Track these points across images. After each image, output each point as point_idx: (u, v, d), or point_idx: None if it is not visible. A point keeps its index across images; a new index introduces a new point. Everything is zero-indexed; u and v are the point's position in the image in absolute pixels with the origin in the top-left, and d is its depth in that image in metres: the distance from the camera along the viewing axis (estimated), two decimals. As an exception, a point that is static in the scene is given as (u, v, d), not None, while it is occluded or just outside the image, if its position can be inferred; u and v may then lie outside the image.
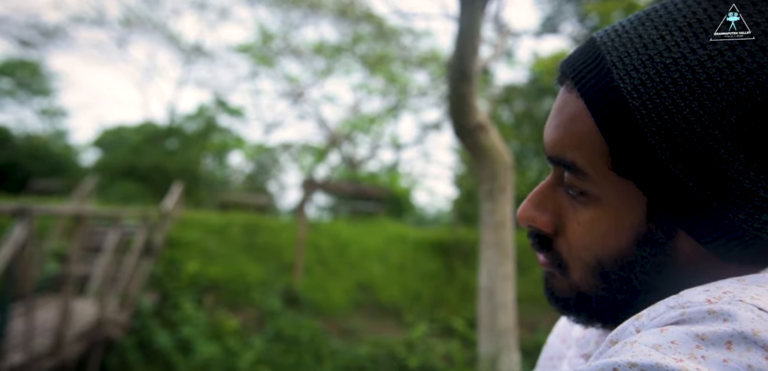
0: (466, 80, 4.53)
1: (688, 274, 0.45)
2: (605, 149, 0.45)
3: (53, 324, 5.24)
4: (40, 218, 7.52)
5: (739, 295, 0.37)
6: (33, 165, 16.19)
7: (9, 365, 4.26)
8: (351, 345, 8.63)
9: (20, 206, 4.21)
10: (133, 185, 15.41)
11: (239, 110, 21.71)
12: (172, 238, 9.63)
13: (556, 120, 0.49)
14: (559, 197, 0.51)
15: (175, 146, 18.21)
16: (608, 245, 0.47)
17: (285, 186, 23.33)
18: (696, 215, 0.43)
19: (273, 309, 8.81)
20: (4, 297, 4.13)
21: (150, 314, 7.69)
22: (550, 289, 0.54)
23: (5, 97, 21.98)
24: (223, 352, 7.77)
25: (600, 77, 0.45)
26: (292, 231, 10.72)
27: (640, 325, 0.39)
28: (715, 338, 0.34)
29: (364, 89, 19.87)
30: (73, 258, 5.38)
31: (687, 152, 0.41)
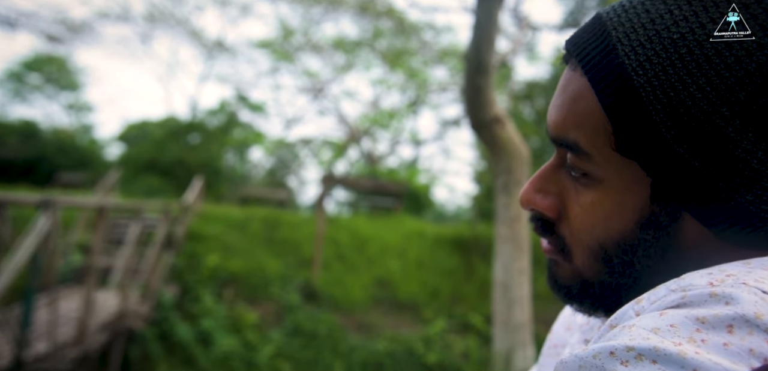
0: (482, 73, 4.48)
1: (693, 258, 0.43)
2: (609, 129, 0.43)
3: (77, 315, 5.34)
4: (65, 211, 7.67)
5: (743, 278, 0.36)
6: (60, 159, 16.55)
7: (34, 353, 4.36)
8: (369, 341, 8.65)
9: (44, 198, 4.29)
10: (155, 178, 15.65)
11: (260, 105, 21.90)
12: (193, 231, 9.75)
13: (559, 99, 0.48)
14: (561, 180, 0.50)
15: (197, 141, 18.44)
16: (611, 229, 0.46)
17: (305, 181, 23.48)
18: (701, 197, 0.41)
19: (291, 304, 8.87)
20: (29, 288, 4.22)
21: (171, 306, 7.80)
22: (553, 277, 0.53)
23: (34, 92, 22.50)
24: (242, 345, 7.85)
25: (604, 54, 0.44)
26: (312, 226, 10.77)
27: (640, 309, 0.38)
28: (716, 321, 0.33)
29: (383, 85, 19.87)
30: (95, 250, 5.47)
31: (693, 131, 0.40)
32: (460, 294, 10.44)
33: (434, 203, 19.13)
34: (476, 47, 4.48)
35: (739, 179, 0.39)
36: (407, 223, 12.94)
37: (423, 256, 11.22)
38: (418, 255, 11.18)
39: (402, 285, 10.26)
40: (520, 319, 4.90)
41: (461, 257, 11.33)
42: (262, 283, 9.18)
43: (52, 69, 22.49)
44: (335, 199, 18.08)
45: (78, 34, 18.65)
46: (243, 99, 21.51)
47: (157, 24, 19.81)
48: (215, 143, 18.51)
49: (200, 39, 20.36)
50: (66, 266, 7.37)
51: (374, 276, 10.33)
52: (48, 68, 22.39)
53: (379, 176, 17.13)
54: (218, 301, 8.47)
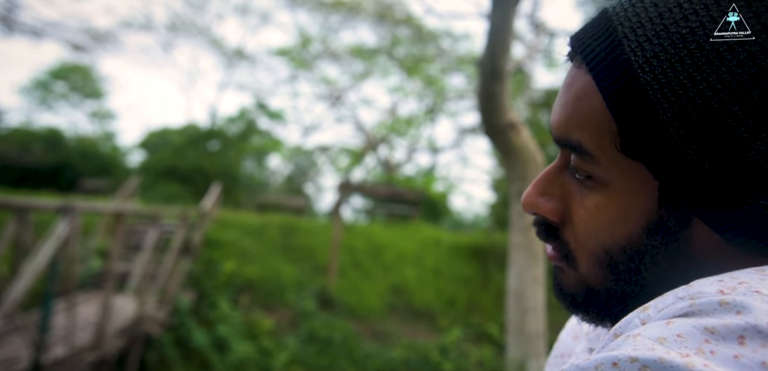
0: (497, 79, 4.45)
1: (704, 266, 0.41)
2: (614, 129, 0.41)
3: (95, 320, 5.42)
4: (86, 217, 7.80)
5: (756, 286, 0.34)
6: (83, 165, 16.85)
7: (52, 357, 4.43)
8: (384, 348, 8.62)
9: (63, 204, 4.37)
10: (175, 185, 15.84)
11: (279, 112, 22.07)
12: (210, 238, 9.84)
13: (563, 98, 0.46)
14: (566, 183, 0.48)
15: (216, 148, 18.64)
16: (617, 234, 0.43)
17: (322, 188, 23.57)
18: (712, 202, 0.39)
19: (307, 310, 8.89)
20: (48, 292, 4.29)
21: (188, 312, 7.87)
22: (558, 285, 0.50)
23: (59, 100, 22.98)
24: (257, 352, 7.88)
25: (609, 50, 0.42)
26: (328, 233, 10.80)
27: (646, 317, 0.36)
28: (726, 332, 0.31)
29: (400, 92, 19.89)
30: (113, 256, 5.55)
31: (703, 131, 0.38)
32: (477, 302, 10.36)
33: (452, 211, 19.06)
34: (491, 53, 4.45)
35: (752, 183, 0.37)
36: (424, 231, 12.90)
37: (439, 264, 11.17)
38: (435, 263, 11.14)
39: (418, 292, 10.23)
40: (533, 329, 4.84)
41: (478, 265, 11.25)
42: (278, 290, 9.22)
43: (76, 78, 22.94)
44: (352, 206, 18.12)
45: (102, 43, 19.03)
46: (262, 106, 21.71)
47: (178, 33, 20.13)
48: (234, 150, 18.69)
49: (220, 47, 20.63)
50: (86, 271, 7.48)
51: (390, 284, 10.30)
52: (73, 77, 22.85)
53: (395, 184, 17.12)
54: (234, 307, 8.52)
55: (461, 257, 11.45)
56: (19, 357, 4.21)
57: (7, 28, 14.51)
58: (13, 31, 14.81)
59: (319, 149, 21.71)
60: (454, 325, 9.51)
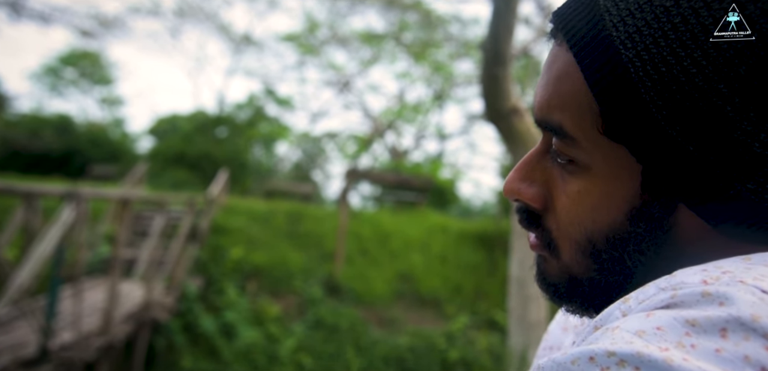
0: (500, 63, 4.38)
1: (690, 254, 0.39)
2: (595, 110, 0.39)
3: (102, 305, 5.46)
4: (95, 202, 7.85)
5: (741, 275, 0.32)
6: (92, 151, 16.95)
7: (60, 342, 4.47)
8: (390, 335, 8.64)
9: (69, 190, 4.38)
10: (183, 172, 15.91)
11: (287, 99, 22.06)
12: (218, 224, 9.88)
13: (544, 78, 0.44)
14: (548, 168, 0.46)
15: (224, 135, 18.68)
16: (599, 221, 0.41)
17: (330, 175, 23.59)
18: (697, 186, 0.37)
19: (314, 297, 8.92)
20: (54, 278, 4.32)
21: (195, 298, 7.92)
22: (541, 273, 0.48)
23: (69, 86, 23.11)
24: (264, 338, 7.92)
25: (591, 26, 0.39)
26: (335, 220, 10.80)
27: (627, 309, 0.34)
28: (708, 324, 0.29)
29: (407, 78, 19.80)
30: (120, 242, 5.57)
31: (687, 111, 0.35)
32: (484, 290, 10.34)
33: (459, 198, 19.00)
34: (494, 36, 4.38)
35: (739, 166, 0.35)
36: (431, 218, 12.88)
37: (446, 251, 11.15)
38: (442, 250, 11.12)
39: (425, 279, 10.22)
40: (535, 317, 4.81)
41: (485, 252, 11.23)
42: (285, 276, 9.25)
43: (86, 64, 23.03)
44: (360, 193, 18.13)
45: (110, 29, 19.07)
46: (270, 93, 21.70)
47: (186, 18, 20.12)
48: (242, 137, 18.72)
49: (228, 33, 20.60)
50: (94, 257, 7.54)
51: (397, 271, 10.31)
52: (82, 63, 22.94)
53: (402, 171, 17.09)
54: (241, 294, 8.56)
55: (468, 245, 11.42)
56: (26, 342, 4.25)
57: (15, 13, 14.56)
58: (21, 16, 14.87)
59: (327, 136, 21.71)
60: (461, 312, 9.51)
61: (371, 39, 18.04)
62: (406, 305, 9.70)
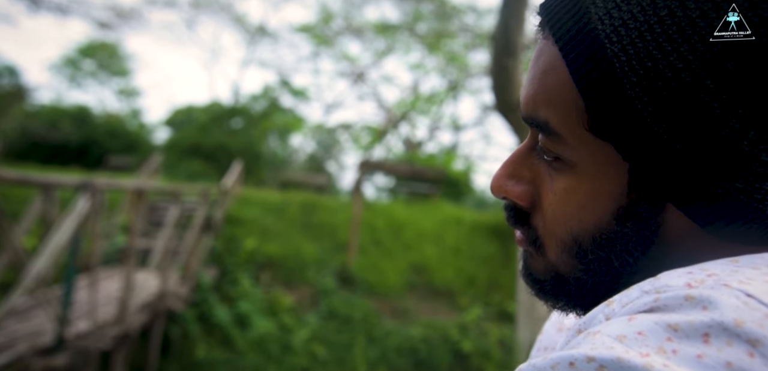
0: (510, 53, 4.32)
1: (679, 255, 0.38)
2: (581, 105, 0.38)
3: (118, 295, 5.53)
4: (111, 193, 7.94)
5: (726, 278, 0.31)
6: (110, 142, 17.16)
7: (76, 331, 4.54)
8: (404, 326, 8.65)
9: (83, 181, 4.43)
10: (198, 163, 16.04)
11: (302, 90, 22.11)
12: (232, 215, 9.95)
13: (530, 73, 0.43)
14: (535, 165, 0.44)
15: (239, 126, 18.78)
16: (585, 220, 0.40)
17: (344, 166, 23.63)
18: (685, 185, 0.36)
19: (327, 288, 8.95)
20: (70, 268, 4.38)
21: (210, 288, 7.99)
22: (527, 268, 0.47)
23: (87, 77, 23.39)
24: (278, 328, 7.98)
25: (576, 19, 0.38)
26: (348, 211, 10.82)
27: (611, 312, 0.34)
28: (690, 329, 0.29)
29: (421, 69, 19.71)
30: (134, 232, 5.63)
31: (673, 107, 0.34)
32: (498, 281, 10.30)
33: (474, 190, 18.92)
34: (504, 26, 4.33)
35: (727, 164, 0.34)
36: (445, 209, 12.84)
37: (460, 242, 11.12)
38: (455, 242, 11.09)
39: (438, 271, 10.21)
40: (544, 311, 4.77)
41: (499, 244, 11.17)
42: (299, 267, 9.30)
43: (104, 55, 23.28)
44: (375, 185, 18.13)
45: (127, 20, 19.24)
46: (285, 84, 21.76)
47: (201, 9, 20.23)
48: (257, 128, 18.81)
49: (243, 24, 20.68)
50: (111, 247, 7.64)
51: (410, 262, 10.31)
52: (100, 54, 23.20)
53: (416, 162, 17.05)
54: (255, 284, 8.63)
55: (482, 236, 11.38)
56: (43, 331, 4.32)
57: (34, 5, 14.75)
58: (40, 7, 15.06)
59: (341, 127, 21.72)
60: (475, 304, 9.48)
61: (385, 29, 17.97)
62: (419, 296, 9.70)
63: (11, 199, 6.98)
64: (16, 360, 3.78)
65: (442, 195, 14.64)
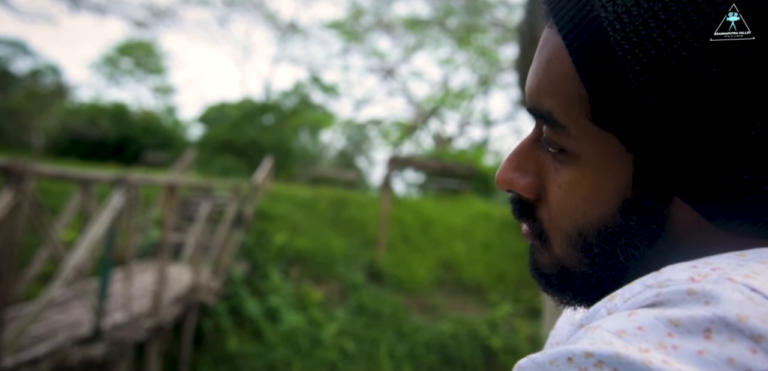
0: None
1: (685, 249, 0.37)
2: (584, 96, 0.37)
3: (152, 288, 5.68)
4: (147, 188, 8.15)
5: (731, 272, 0.30)
6: (146, 139, 17.59)
7: (112, 323, 4.69)
8: (432, 322, 8.64)
9: (118, 176, 4.57)
10: (231, 158, 16.31)
11: (332, 86, 22.23)
12: (263, 210, 10.09)
13: (535, 63, 0.42)
14: (541, 157, 0.44)
15: (270, 122, 19.01)
16: (590, 213, 0.40)
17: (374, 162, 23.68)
18: (691, 176, 0.35)
19: (356, 283, 9.01)
20: (105, 261, 4.52)
21: (241, 282, 8.13)
22: (534, 262, 0.47)
23: (125, 75, 24.02)
24: (307, 322, 8.07)
25: (579, 6, 0.37)
26: (377, 207, 10.85)
27: (613, 307, 0.33)
28: (692, 324, 0.28)
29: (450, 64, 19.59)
30: (167, 226, 5.77)
31: (677, 97, 0.33)
32: (527, 278, 10.14)
33: (505, 185, 18.70)
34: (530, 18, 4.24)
35: (734, 155, 0.33)
36: (474, 205, 12.75)
37: (490, 238, 11.03)
38: (485, 238, 11.01)
39: (467, 267, 10.16)
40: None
41: (530, 241, 11.04)
42: (328, 262, 9.37)
43: (140, 53, 23.86)
44: (404, 180, 18.12)
45: (162, 18, 19.66)
46: (316, 80, 21.92)
47: (234, 7, 20.53)
48: (287, 124, 19.01)
49: (275, 21, 20.90)
50: (146, 241, 7.84)
51: (439, 258, 10.28)
52: (137, 53, 23.77)
53: (445, 158, 16.97)
54: (285, 278, 8.74)
55: (512, 232, 11.26)
56: (81, 322, 4.47)
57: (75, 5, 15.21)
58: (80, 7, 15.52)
59: (371, 123, 21.77)
60: (504, 300, 9.41)
61: (415, 25, 17.91)
62: (448, 292, 9.67)
63: (52, 194, 7.24)
64: (56, 349, 3.93)
65: (471, 191, 14.54)
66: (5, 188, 3.26)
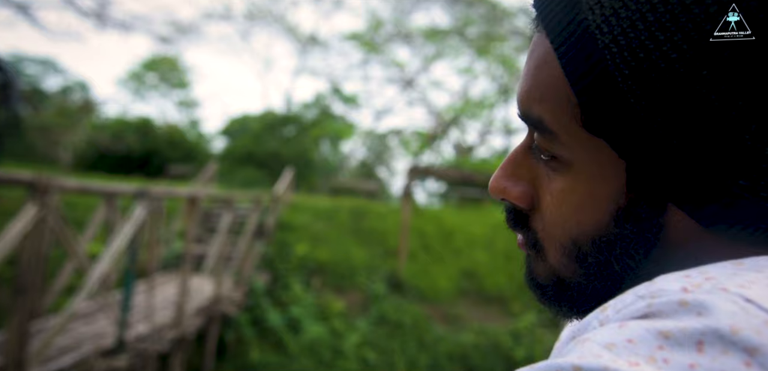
0: None
1: (682, 257, 0.36)
2: (574, 101, 0.36)
3: (174, 299, 5.74)
4: (170, 201, 8.27)
5: (725, 282, 0.29)
6: (170, 152, 17.87)
7: (135, 334, 4.75)
8: (454, 332, 8.57)
9: (140, 189, 4.63)
10: (252, 170, 16.47)
11: (352, 97, 22.34)
12: (284, 221, 10.15)
13: (525, 68, 0.41)
14: (534, 165, 0.42)
15: (292, 134, 19.17)
16: (584, 222, 0.38)
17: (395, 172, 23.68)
18: (685, 183, 0.34)
19: (377, 293, 8.98)
20: (128, 273, 4.58)
21: (262, 293, 8.18)
22: (530, 273, 0.45)
23: (150, 90, 24.50)
24: (329, 333, 8.06)
25: (567, 10, 0.36)
26: (398, 217, 10.83)
27: (605, 318, 0.32)
28: (683, 337, 0.27)
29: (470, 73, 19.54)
30: (189, 238, 5.83)
31: (668, 100, 0.32)
32: (551, 288, 10.06)
33: (527, 194, 18.54)
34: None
35: (728, 160, 0.32)
36: (495, 214, 12.64)
37: (511, 248, 10.92)
38: (507, 247, 10.90)
39: (489, 277, 10.06)
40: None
41: (553, 249, 10.91)
42: (349, 272, 9.37)
43: (165, 68, 24.31)
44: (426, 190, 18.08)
45: (185, 34, 20.04)
46: (336, 91, 22.06)
47: (255, 21, 20.82)
48: (308, 136, 19.15)
49: (295, 34, 21.13)
50: (169, 253, 7.94)
51: (460, 268, 10.21)
52: (162, 68, 24.23)
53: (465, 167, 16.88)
54: (307, 289, 8.76)
55: (535, 241, 11.14)
56: (105, 333, 4.54)
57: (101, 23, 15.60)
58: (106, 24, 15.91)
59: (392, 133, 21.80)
60: (528, 310, 9.28)
61: (435, 35, 17.93)
62: (470, 302, 9.59)
63: (79, 207, 7.39)
64: (81, 361, 3.99)
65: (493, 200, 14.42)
66: (30, 202, 3.33)
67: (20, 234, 3.24)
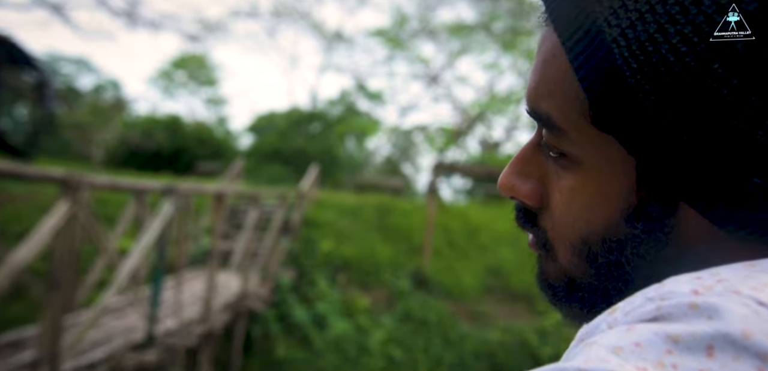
0: None
1: (694, 258, 0.34)
2: (582, 97, 0.35)
3: (202, 295, 5.82)
4: (198, 198, 8.39)
5: (737, 285, 0.28)
6: (199, 149, 18.13)
7: (164, 329, 4.83)
8: (480, 330, 8.52)
9: (168, 186, 4.71)
10: (278, 167, 16.60)
11: (378, 93, 22.34)
12: (309, 218, 10.21)
13: (534, 64, 0.41)
14: (543, 162, 0.42)
15: (317, 130, 19.27)
16: (593, 221, 0.38)
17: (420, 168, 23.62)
18: (696, 180, 0.33)
19: (402, 290, 8.98)
20: (157, 269, 4.66)
21: (288, 289, 8.25)
22: (541, 273, 0.44)
23: (179, 88, 24.91)
24: (354, 329, 8.09)
25: (575, 3, 0.36)
26: (423, 213, 10.80)
27: (613, 321, 0.31)
28: (693, 341, 0.26)
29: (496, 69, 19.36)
30: (216, 234, 5.90)
31: (678, 95, 0.31)
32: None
33: (554, 190, 18.31)
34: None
35: (740, 157, 0.31)
36: (522, 211, 12.52)
37: (539, 245, 10.81)
38: (534, 244, 10.79)
39: (515, 274, 9.97)
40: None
41: (581, 247, 10.76)
42: (374, 269, 9.39)
43: (193, 66, 24.68)
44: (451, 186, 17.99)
45: (213, 32, 20.31)
46: (361, 88, 22.09)
47: (282, 18, 20.98)
48: (334, 132, 19.22)
49: (321, 31, 21.22)
50: (198, 249, 8.06)
51: (486, 265, 10.13)
52: (191, 66, 24.60)
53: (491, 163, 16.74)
54: (332, 285, 8.80)
55: (563, 239, 11.00)
56: (135, 328, 4.63)
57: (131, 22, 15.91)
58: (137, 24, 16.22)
59: (417, 129, 21.74)
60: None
61: (460, 30, 17.81)
62: (495, 299, 9.51)
63: (109, 204, 7.55)
64: (112, 355, 4.08)
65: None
66: (62, 198, 3.41)
67: (53, 230, 3.32)
